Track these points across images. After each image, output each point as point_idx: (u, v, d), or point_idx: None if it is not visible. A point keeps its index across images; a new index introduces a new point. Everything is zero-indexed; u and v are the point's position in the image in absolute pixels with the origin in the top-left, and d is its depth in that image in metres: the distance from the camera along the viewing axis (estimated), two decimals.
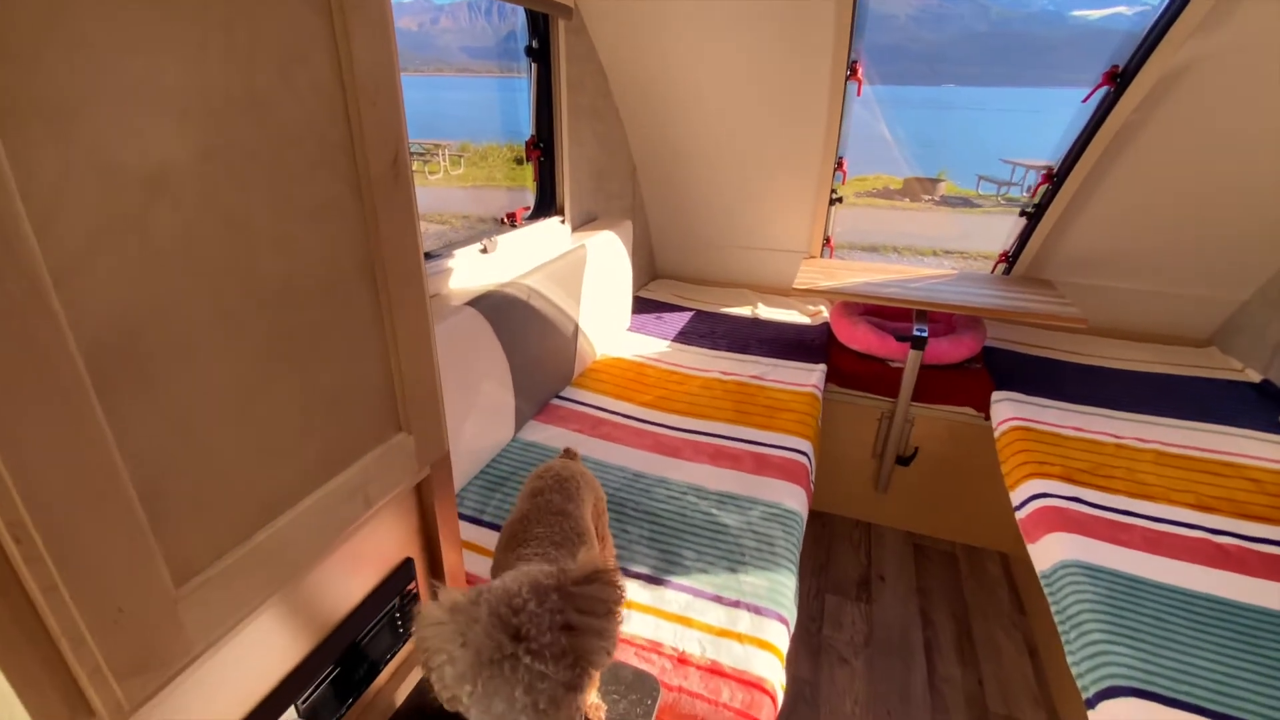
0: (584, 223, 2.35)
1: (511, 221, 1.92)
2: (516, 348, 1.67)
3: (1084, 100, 1.95)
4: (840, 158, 2.49)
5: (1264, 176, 2.02)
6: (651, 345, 2.50)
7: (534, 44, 1.88)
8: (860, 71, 2.06)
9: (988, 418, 2.21)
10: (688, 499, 1.54)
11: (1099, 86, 1.87)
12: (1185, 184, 2.11)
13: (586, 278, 2.06)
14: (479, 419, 1.55)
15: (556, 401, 2.01)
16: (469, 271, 1.69)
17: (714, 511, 1.49)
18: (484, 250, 1.70)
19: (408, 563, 0.76)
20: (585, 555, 0.63)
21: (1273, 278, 2.29)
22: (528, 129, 1.99)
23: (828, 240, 2.88)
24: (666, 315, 2.84)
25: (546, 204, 2.07)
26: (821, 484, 2.53)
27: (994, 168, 11.72)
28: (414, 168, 0.65)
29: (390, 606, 0.73)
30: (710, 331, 2.68)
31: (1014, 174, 11.10)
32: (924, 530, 2.54)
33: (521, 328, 1.70)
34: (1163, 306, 2.55)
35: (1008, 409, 2.06)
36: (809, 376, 2.25)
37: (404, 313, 0.63)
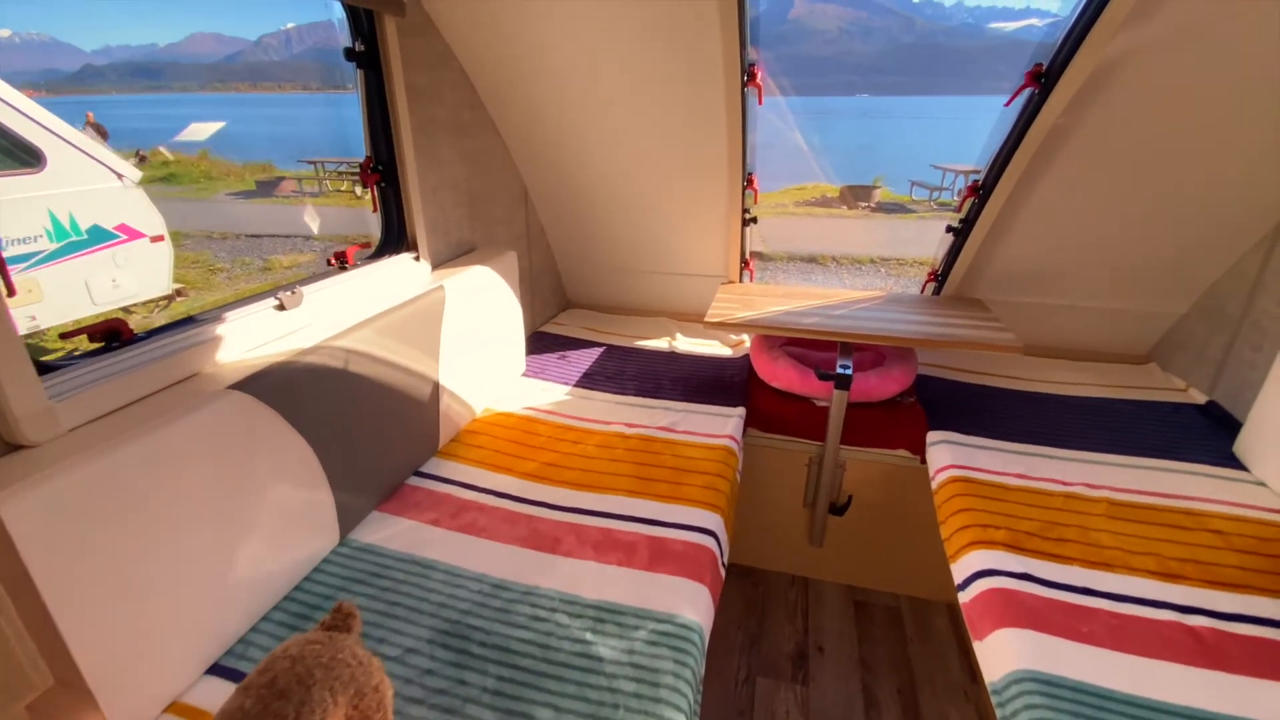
0: (455, 256, 2.00)
1: (342, 262, 1.55)
2: (327, 430, 1.30)
3: (1006, 104, 1.73)
4: (750, 174, 2.22)
5: (1200, 182, 1.85)
6: (548, 393, 2.15)
7: (357, 46, 1.52)
8: (760, 76, 1.79)
9: (924, 461, 1.96)
10: (556, 619, 1.20)
11: (1022, 88, 1.65)
12: (1119, 192, 1.93)
13: (449, 324, 1.70)
14: (269, 532, 1.17)
15: (414, 481, 1.64)
16: (262, 336, 1.31)
17: (587, 637, 1.16)
18: (280, 307, 1.33)
19: None
20: None
21: (1209, 290, 2.14)
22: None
23: (746, 263, 2.61)
24: (572, 354, 2.51)
25: (394, 239, 1.71)
26: (752, 537, 2.24)
27: (926, 173, 11.97)
28: (343, 187, 0.30)
29: None
30: (619, 372, 2.36)
31: (944, 179, 11.36)
32: (865, 583, 2.27)
33: (336, 403, 1.33)
34: (1099, 323, 2.38)
35: (945, 454, 1.81)
36: (725, 424, 1.95)
37: None
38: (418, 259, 1.75)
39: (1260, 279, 1.91)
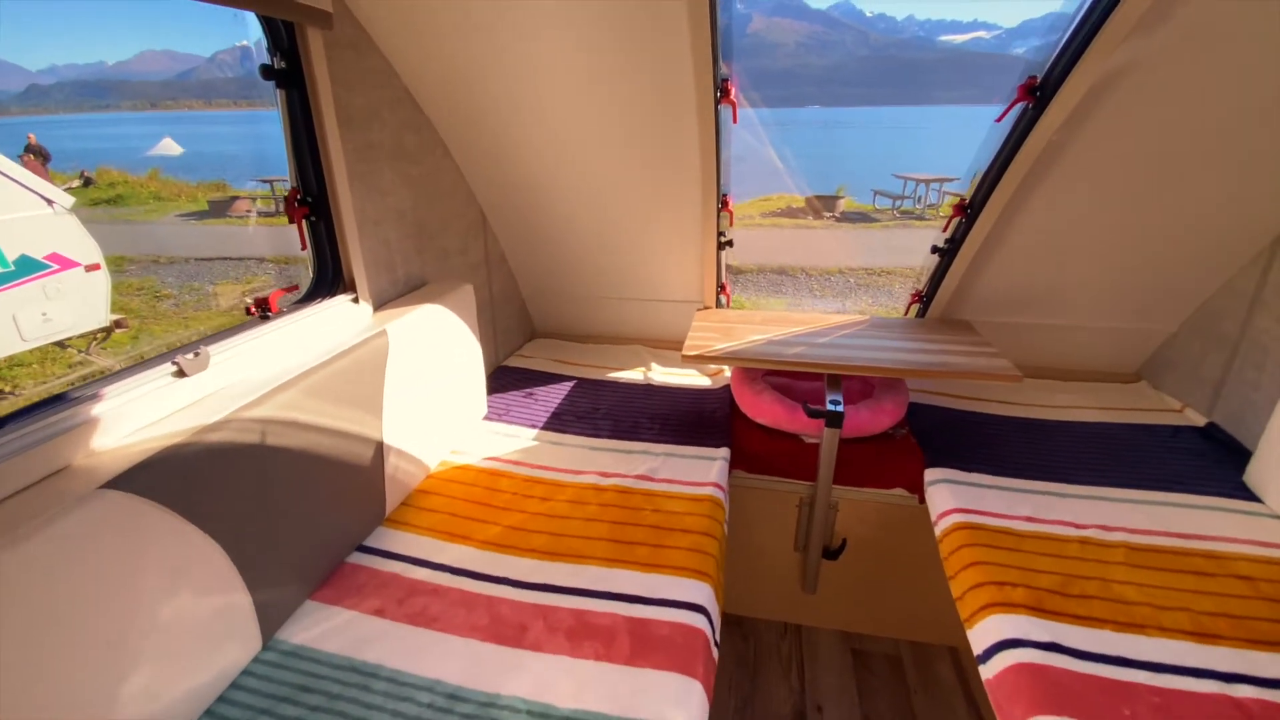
0: (402, 293, 1.79)
1: (264, 311, 1.33)
2: (240, 520, 1.08)
3: (998, 120, 1.62)
4: (724, 195, 2.07)
5: (1195, 198, 1.77)
6: (513, 439, 1.95)
7: (276, 63, 1.32)
8: (734, 92, 1.65)
9: (922, 500, 1.82)
10: None
11: (1015, 102, 1.54)
12: (1112, 209, 1.84)
13: (395, 373, 1.50)
14: (166, 654, 0.95)
15: (356, 559, 1.42)
16: (156, 411, 1.09)
17: None
18: (179, 373, 1.11)
19: None
20: None
21: (1201, 307, 2.07)
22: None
23: (723, 287, 2.46)
24: (540, 390, 2.31)
25: (327, 279, 1.50)
26: (740, 584, 2.07)
27: (887, 182, 12.12)
28: None
29: None
30: (592, 409, 2.17)
31: (906, 187, 11.52)
32: (862, 628, 2.12)
33: (251, 486, 1.11)
34: (1088, 342, 2.30)
35: (946, 496, 1.67)
36: (709, 469, 1.78)
37: None
38: (356, 301, 1.54)
39: (1259, 296, 1.83)
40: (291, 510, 1.21)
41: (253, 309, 1.34)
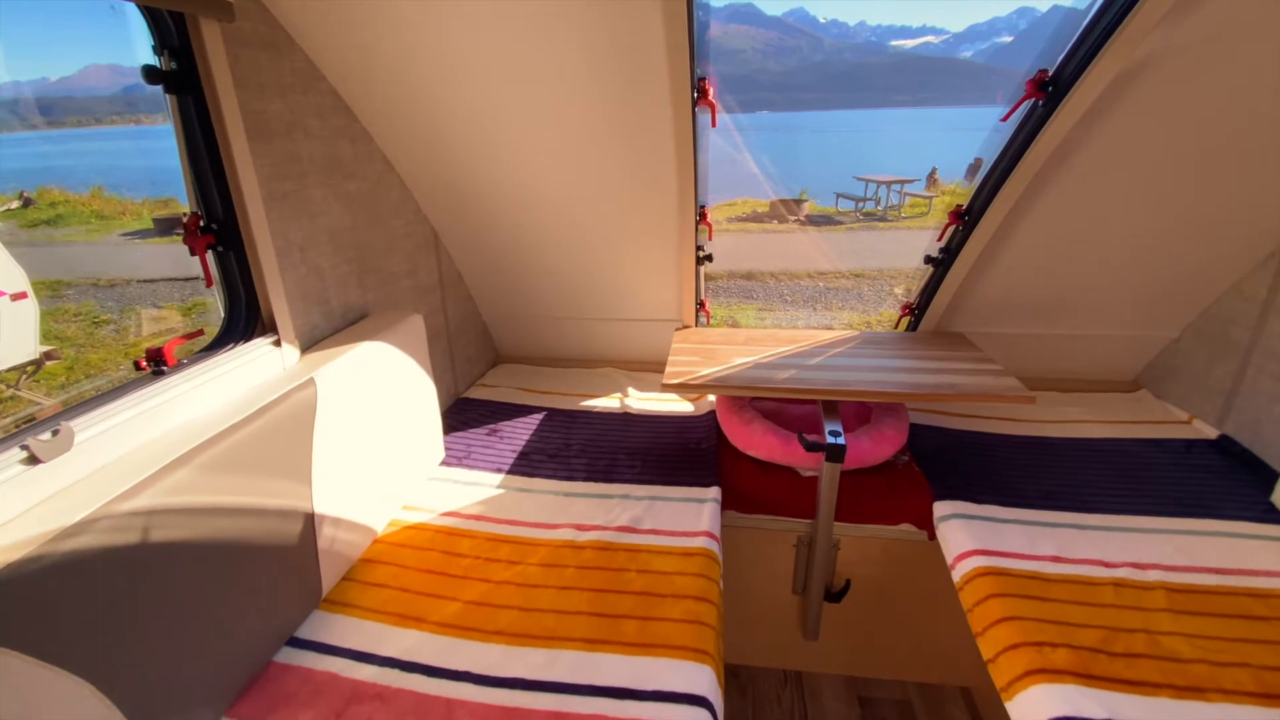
0: (340, 328, 1.55)
1: (158, 366, 1.08)
2: (114, 646, 0.84)
3: (1003, 119, 1.47)
4: (702, 207, 1.89)
5: (1204, 200, 1.66)
6: (474, 488, 1.72)
7: (165, 65, 1.08)
8: (713, 93, 1.46)
9: (932, 536, 1.66)
10: None
11: (1024, 99, 1.39)
12: (1117, 214, 1.72)
13: (327, 428, 1.26)
14: None
15: (286, 655, 1.18)
16: (6, 506, 0.84)
17: None
18: (31, 459, 0.86)
19: None
20: None
21: (1205, 312, 1.97)
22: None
23: (702, 304, 2.28)
24: (505, 426, 2.08)
25: (240, 321, 1.25)
26: (735, 630, 1.87)
27: (849, 185, 12.20)
28: None
29: None
30: (564, 446, 1.96)
31: (868, 189, 11.61)
32: (867, 672, 1.94)
33: (131, 598, 0.87)
34: (1086, 351, 2.18)
35: (961, 534, 1.51)
36: (699, 514, 1.58)
37: None
38: (278, 344, 1.29)
39: (1271, 301, 1.73)
40: (194, 615, 0.96)
41: (143, 363, 1.09)
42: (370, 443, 1.43)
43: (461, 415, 2.13)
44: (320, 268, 1.47)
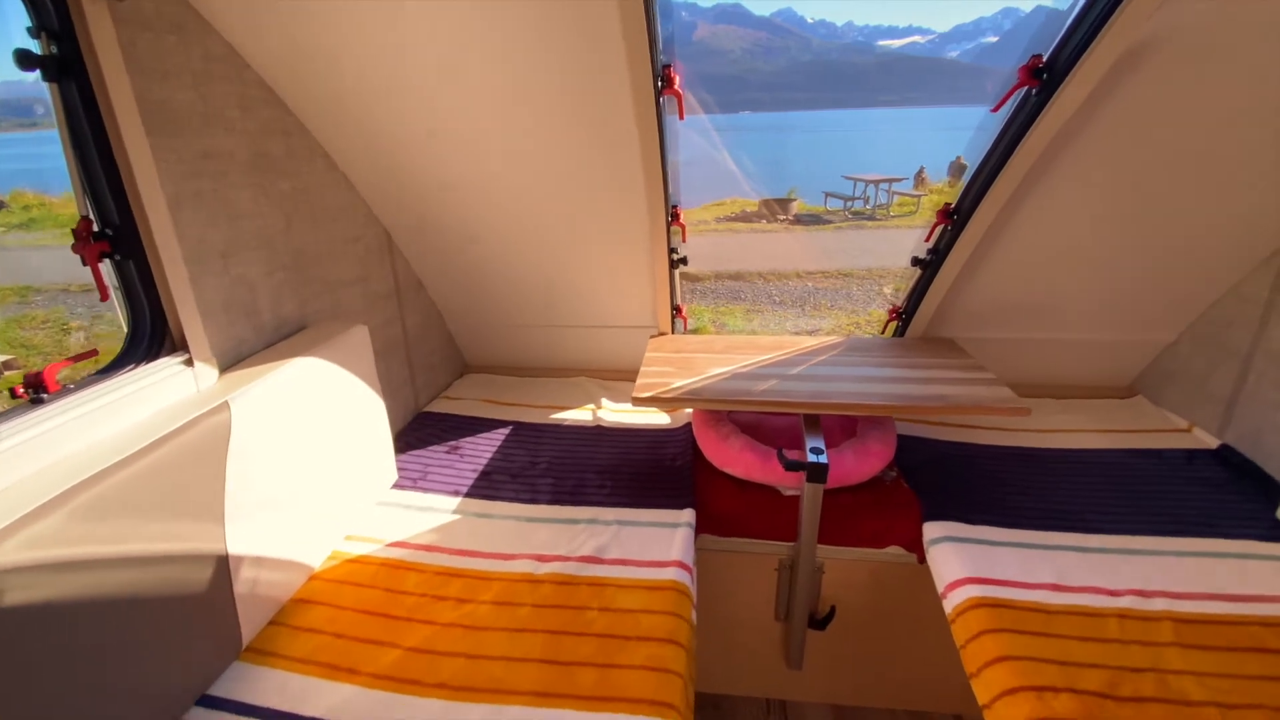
0: (274, 342, 1.41)
1: (37, 394, 0.94)
2: None
3: (994, 109, 1.36)
4: (674, 207, 1.77)
5: (1203, 198, 1.55)
6: (428, 514, 1.59)
7: (44, 47, 0.94)
8: (679, 81, 1.34)
9: (922, 559, 1.54)
10: None
11: (1017, 87, 1.28)
12: (1114, 212, 1.61)
13: (245, 457, 1.12)
14: None
15: (197, 716, 1.04)
16: None
17: None
18: None
19: None
20: None
21: (1203, 315, 1.87)
22: None
23: (678, 310, 2.15)
24: (468, 442, 1.95)
25: (143, 338, 1.11)
26: (715, 659, 1.76)
27: (837, 184, 12.14)
28: None
29: None
30: (529, 464, 1.83)
31: (856, 188, 11.55)
32: (854, 700, 1.83)
33: None
34: (1080, 356, 2.08)
35: (953, 560, 1.40)
36: (670, 542, 1.46)
37: None
38: (189, 363, 1.15)
39: (1272, 303, 1.63)
40: (84, 678, 0.83)
41: (20, 391, 0.95)
42: (304, 469, 1.30)
43: (421, 431, 1.99)
44: (248, 276, 1.33)
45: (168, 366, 1.12)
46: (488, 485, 1.71)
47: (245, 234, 1.31)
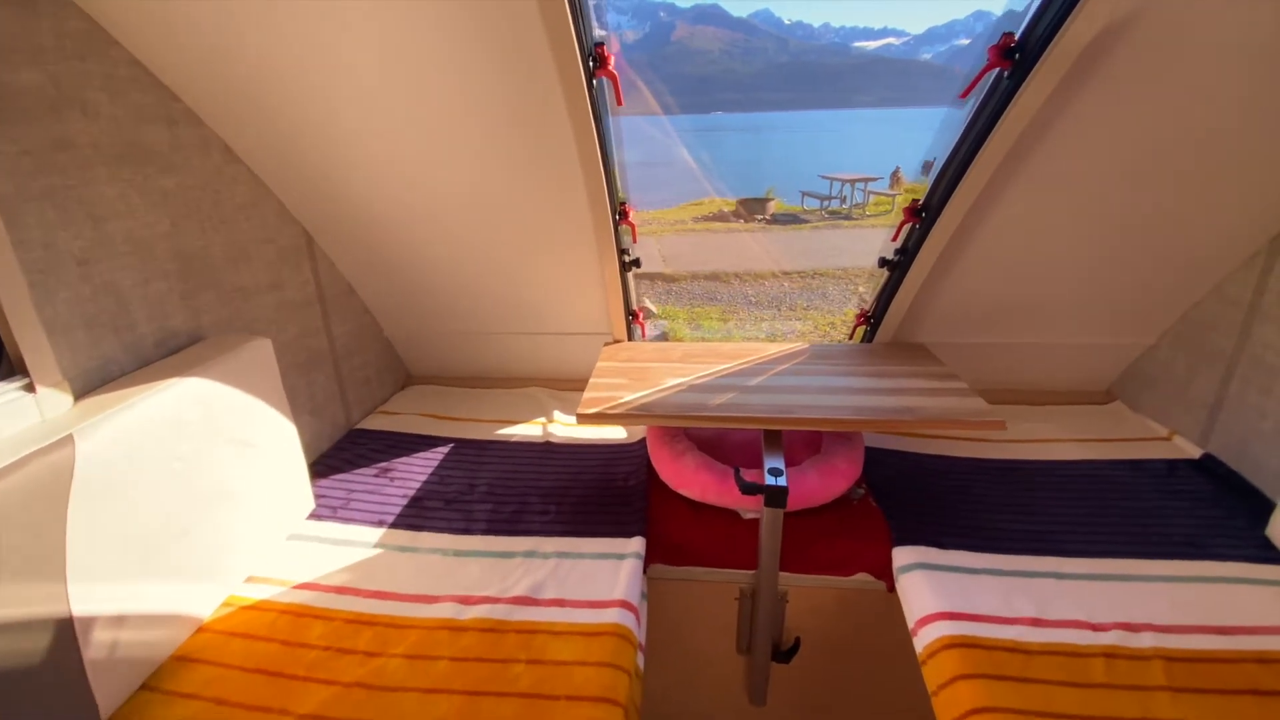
0: (152, 361, 1.23)
1: None
2: None
3: (962, 95, 1.23)
4: (623, 204, 1.62)
5: (1185, 192, 1.45)
6: (345, 549, 1.42)
7: None
8: (615, 61, 1.19)
9: (891, 588, 1.42)
10: None
11: (988, 68, 1.15)
12: (1091, 209, 1.50)
13: (97, 501, 0.95)
14: None
15: None
16: None
17: None
18: None
19: None
20: None
21: (1183, 316, 1.78)
22: None
23: (635, 315, 2.01)
24: (401, 463, 1.78)
25: None
26: (671, 696, 1.62)
27: (814, 184, 12.11)
28: None
29: None
30: (467, 488, 1.66)
31: (832, 188, 11.53)
32: None
33: None
34: (1056, 360, 1.98)
35: (924, 591, 1.27)
36: (615, 577, 1.31)
37: None
38: (30, 389, 0.97)
39: (1257, 305, 1.54)
40: None
41: None
42: (187, 507, 1.12)
43: (349, 452, 1.82)
44: (117, 285, 1.15)
45: (5, 395, 0.94)
46: (417, 513, 1.55)
47: (110, 237, 1.13)
